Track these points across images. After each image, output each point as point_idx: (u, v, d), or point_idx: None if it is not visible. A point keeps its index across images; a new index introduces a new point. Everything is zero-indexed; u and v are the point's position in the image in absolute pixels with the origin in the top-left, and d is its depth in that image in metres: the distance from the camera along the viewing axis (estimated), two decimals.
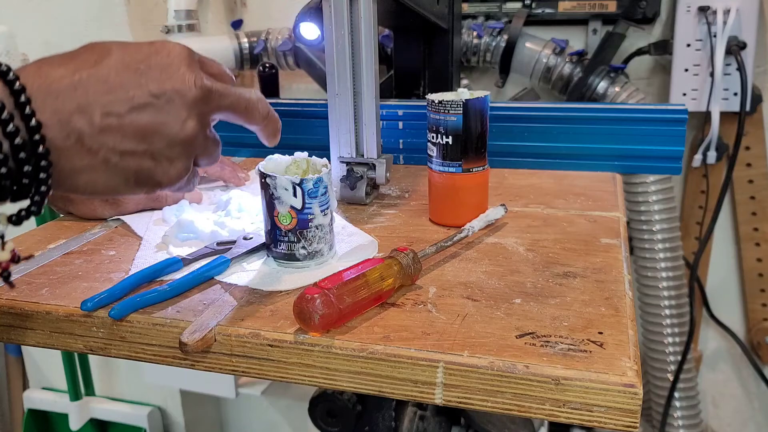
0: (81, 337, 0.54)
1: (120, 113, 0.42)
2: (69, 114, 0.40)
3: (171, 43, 0.45)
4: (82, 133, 0.41)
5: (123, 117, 0.42)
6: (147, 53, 0.44)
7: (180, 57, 0.45)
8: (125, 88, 0.42)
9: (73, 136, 0.40)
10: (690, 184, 1.25)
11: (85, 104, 0.40)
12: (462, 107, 0.65)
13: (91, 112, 0.41)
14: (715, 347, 1.36)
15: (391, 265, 0.53)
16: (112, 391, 1.56)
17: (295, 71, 1.34)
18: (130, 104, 0.42)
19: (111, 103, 0.41)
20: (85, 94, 0.41)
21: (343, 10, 0.71)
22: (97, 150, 0.41)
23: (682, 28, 1.12)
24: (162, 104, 0.43)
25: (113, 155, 0.42)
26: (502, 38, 1.19)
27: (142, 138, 0.43)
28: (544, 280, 0.57)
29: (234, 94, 0.48)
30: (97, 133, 0.41)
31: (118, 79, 0.42)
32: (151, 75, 0.43)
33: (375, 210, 0.76)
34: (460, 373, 0.45)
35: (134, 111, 0.42)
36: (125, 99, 0.42)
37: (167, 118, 0.43)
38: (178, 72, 0.44)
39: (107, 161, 0.42)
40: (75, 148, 0.41)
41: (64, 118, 0.40)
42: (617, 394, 0.42)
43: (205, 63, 0.48)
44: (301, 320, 0.48)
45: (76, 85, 0.40)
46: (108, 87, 0.41)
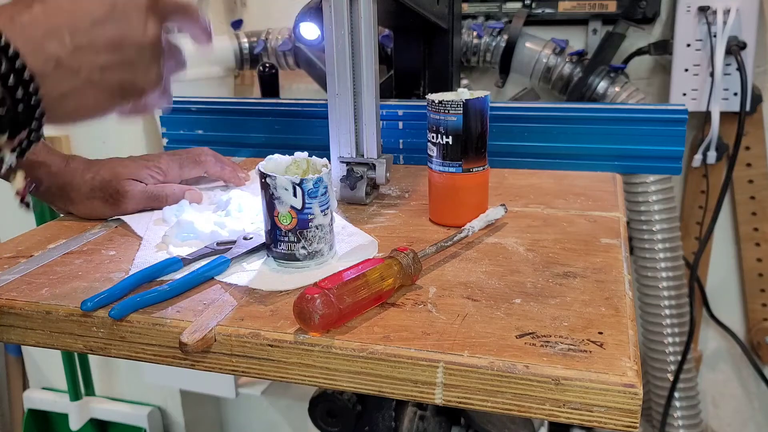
0: (81, 337, 0.54)
1: (86, 29, 0.45)
2: (40, 41, 0.43)
3: None
4: (58, 56, 0.43)
5: (89, 32, 0.45)
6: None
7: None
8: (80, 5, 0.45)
9: (51, 60, 0.43)
10: (690, 184, 1.25)
11: (51, 29, 0.43)
12: (462, 107, 0.65)
13: (60, 34, 0.43)
14: (715, 347, 1.36)
15: (391, 265, 0.53)
16: (112, 391, 1.56)
17: (295, 71, 1.34)
18: (91, 20, 0.45)
19: (74, 24, 0.44)
20: (47, 20, 0.43)
21: (343, 10, 0.71)
22: (77, 69, 0.44)
23: (682, 28, 1.12)
24: (119, 15, 0.46)
25: (94, 72, 0.45)
26: (502, 38, 1.19)
27: (113, 49, 0.46)
28: (544, 280, 0.57)
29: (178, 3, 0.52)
30: (72, 52, 0.44)
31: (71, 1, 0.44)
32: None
33: (375, 210, 0.76)
34: (460, 373, 0.45)
35: (97, 25, 0.45)
36: (84, 15, 0.45)
37: (129, 26, 0.47)
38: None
39: (90, 79, 0.45)
40: (57, 73, 0.43)
41: (37, 45, 0.42)
42: (617, 394, 0.42)
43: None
44: (301, 320, 0.48)
45: (37, 14, 0.43)
46: (65, 9, 0.44)
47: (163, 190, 0.75)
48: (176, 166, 0.78)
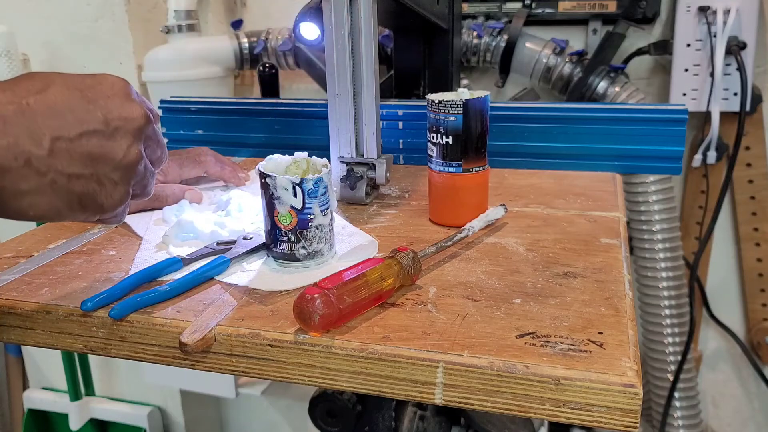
0: (81, 337, 0.54)
1: (70, 138, 0.43)
2: (18, 137, 0.41)
3: (111, 76, 0.47)
4: (31, 155, 0.42)
5: (73, 141, 0.43)
6: (90, 84, 0.46)
7: (123, 89, 0.47)
8: (74, 113, 0.44)
9: (22, 158, 0.41)
10: (690, 184, 1.25)
11: (34, 129, 0.42)
12: (462, 107, 0.65)
13: (41, 136, 0.42)
14: (715, 347, 1.36)
15: (391, 265, 0.53)
16: (112, 391, 1.56)
17: (295, 71, 1.34)
18: (80, 129, 0.44)
19: (61, 128, 0.43)
20: (33, 119, 0.42)
21: (343, 10, 0.71)
22: (45, 172, 0.43)
23: (682, 28, 1.12)
24: (110, 131, 0.45)
25: (60, 177, 0.43)
26: (502, 38, 1.19)
27: (90, 162, 0.44)
28: (544, 280, 0.57)
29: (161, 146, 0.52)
30: (47, 155, 0.42)
31: (66, 105, 0.43)
32: (99, 103, 0.45)
33: (375, 210, 0.76)
34: (460, 373, 0.45)
35: (84, 136, 0.44)
36: (75, 123, 0.44)
37: (114, 144, 0.46)
38: (125, 102, 0.47)
39: (54, 183, 0.43)
40: (23, 171, 0.42)
41: (13, 141, 0.41)
42: (617, 394, 0.42)
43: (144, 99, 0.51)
44: (301, 320, 0.48)
45: (24, 110, 0.42)
46: (56, 112, 0.43)
47: (163, 191, 0.75)
48: (176, 166, 0.78)
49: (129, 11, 1.25)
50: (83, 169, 0.44)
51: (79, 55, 1.29)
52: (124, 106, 0.46)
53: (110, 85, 0.46)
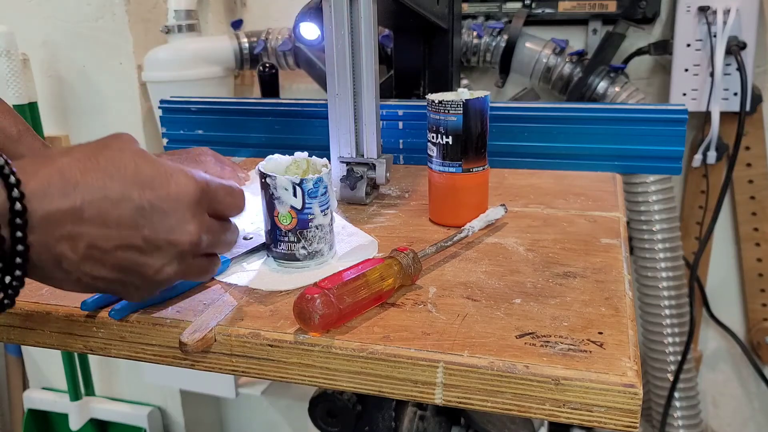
0: (81, 337, 0.54)
1: (106, 249, 0.42)
2: (57, 240, 0.40)
3: (185, 179, 0.44)
4: (63, 258, 0.41)
5: (107, 252, 0.42)
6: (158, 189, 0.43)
7: (188, 202, 0.44)
8: (120, 228, 0.42)
9: (55, 259, 0.41)
10: (690, 184, 1.25)
11: (75, 234, 0.40)
12: (462, 107, 0.65)
13: (79, 242, 0.41)
14: (715, 347, 1.36)
15: (391, 265, 0.53)
16: (112, 391, 1.56)
17: (295, 71, 1.34)
18: (118, 242, 0.42)
19: (100, 238, 0.41)
20: (79, 224, 0.40)
21: (343, 10, 0.71)
22: (72, 272, 0.42)
23: (682, 28, 1.12)
24: (150, 249, 0.43)
25: (86, 277, 0.43)
26: (502, 38, 1.19)
27: (118, 271, 0.43)
28: (544, 280, 0.57)
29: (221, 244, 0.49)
30: (78, 260, 0.41)
31: (116, 218, 0.41)
32: (151, 218, 0.42)
33: (375, 210, 0.76)
34: (460, 373, 0.45)
35: (120, 249, 0.42)
36: (116, 236, 0.42)
37: (149, 261, 0.44)
38: (179, 223, 0.44)
39: (79, 280, 0.43)
40: (52, 268, 0.41)
41: (51, 243, 0.40)
42: (617, 394, 0.42)
43: (217, 198, 0.47)
44: (301, 320, 0.48)
45: (75, 212, 0.40)
46: (104, 221, 0.41)
47: None
48: None
49: (129, 11, 1.25)
50: (110, 275, 0.43)
51: (79, 55, 1.29)
52: (175, 229, 0.43)
53: (176, 197, 0.43)
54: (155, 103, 1.26)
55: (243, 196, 0.50)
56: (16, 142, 0.71)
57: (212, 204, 0.47)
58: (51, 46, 1.30)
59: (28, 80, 1.24)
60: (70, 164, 0.40)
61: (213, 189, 0.46)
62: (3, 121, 0.71)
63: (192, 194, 0.44)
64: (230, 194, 0.48)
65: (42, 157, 0.41)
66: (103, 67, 1.29)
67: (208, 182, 0.46)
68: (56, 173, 0.40)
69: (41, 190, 0.39)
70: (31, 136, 0.73)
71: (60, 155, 0.41)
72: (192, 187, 0.44)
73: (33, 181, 0.39)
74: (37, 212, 0.39)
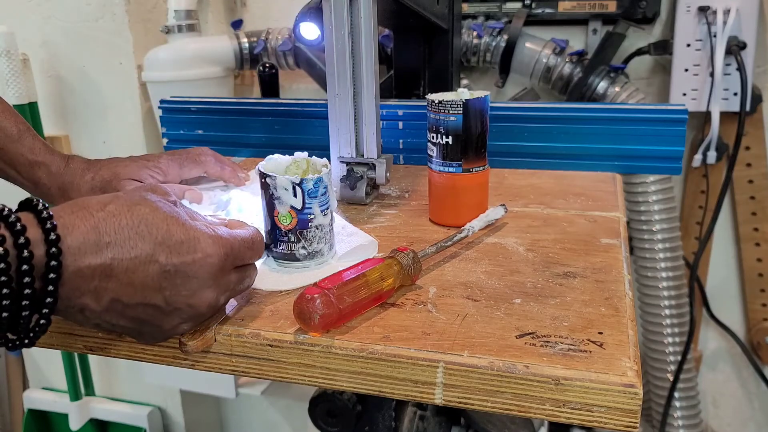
0: (81, 337, 0.54)
1: (128, 304, 0.44)
2: (83, 293, 0.42)
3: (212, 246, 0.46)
4: (86, 308, 0.43)
5: (128, 307, 0.44)
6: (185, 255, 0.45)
7: (212, 269, 0.46)
8: (144, 287, 0.44)
9: (77, 307, 0.43)
10: (690, 184, 1.25)
11: (102, 289, 0.43)
12: (462, 107, 0.65)
13: (103, 296, 0.43)
14: (715, 347, 1.36)
15: (391, 265, 0.53)
16: (112, 391, 1.56)
17: (295, 71, 1.34)
18: (140, 300, 0.44)
19: (125, 295, 0.44)
20: (107, 280, 0.43)
21: (343, 10, 0.71)
22: (92, 318, 0.45)
23: (682, 28, 1.12)
24: (170, 310, 0.46)
25: (105, 324, 0.46)
26: (502, 38, 1.19)
27: (137, 323, 0.46)
28: (544, 280, 0.57)
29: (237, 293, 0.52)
30: (100, 311, 0.44)
31: (142, 275, 0.43)
32: (174, 281, 0.45)
33: (375, 210, 0.76)
34: (460, 373, 0.45)
35: (141, 306, 0.45)
36: (139, 295, 0.44)
37: (167, 319, 0.47)
38: (201, 289, 0.46)
39: (98, 325, 0.46)
40: (74, 314, 0.44)
41: (78, 295, 0.42)
42: (617, 394, 0.42)
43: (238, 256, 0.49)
44: (301, 320, 0.48)
45: (105, 269, 0.42)
46: (130, 279, 0.43)
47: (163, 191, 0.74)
48: (176, 166, 0.78)
49: (129, 11, 1.25)
50: (128, 325, 0.46)
51: (79, 55, 1.30)
52: (196, 293, 0.46)
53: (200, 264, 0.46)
54: (155, 103, 1.26)
55: (262, 244, 0.53)
56: (17, 141, 0.71)
57: (235, 263, 0.49)
58: (51, 46, 1.30)
59: (28, 80, 1.24)
60: (105, 220, 0.43)
61: (236, 250, 0.49)
62: (3, 120, 0.71)
63: (216, 262, 0.47)
64: (251, 248, 0.51)
65: (79, 209, 0.43)
66: (103, 67, 1.29)
67: (233, 245, 0.48)
68: (92, 230, 0.42)
69: (76, 248, 0.41)
70: (31, 136, 0.73)
71: (97, 208, 0.43)
72: (217, 255, 0.47)
73: (70, 237, 0.41)
74: (69, 267, 0.41)
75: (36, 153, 0.72)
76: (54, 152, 0.74)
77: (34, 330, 0.42)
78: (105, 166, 0.74)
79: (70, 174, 0.73)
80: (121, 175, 0.73)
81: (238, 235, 0.50)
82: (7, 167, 0.72)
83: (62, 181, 0.73)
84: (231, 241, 0.48)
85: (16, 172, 0.72)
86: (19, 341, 0.42)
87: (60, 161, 0.73)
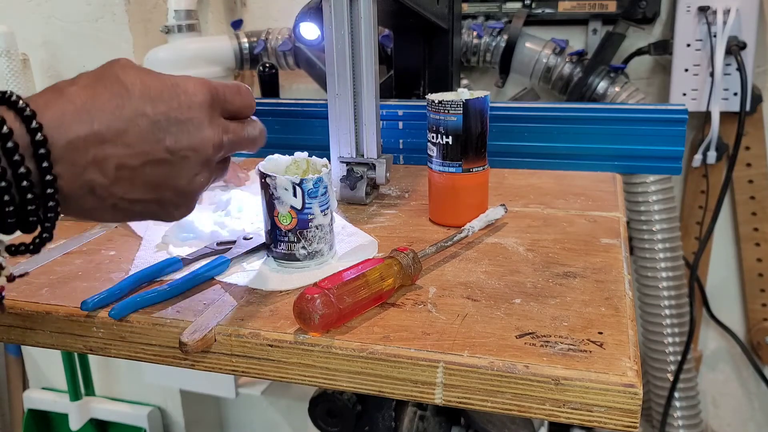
0: (81, 337, 0.54)
1: (134, 166, 0.42)
2: (84, 167, 0.41)
3: (192, 85, 0.45)
4: (94, 184, 0.41)
5: (136, 170, 0.42)
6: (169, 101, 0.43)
7: (201, 107, 0.45)
8: (142, 143, 0.42)
9: (86, 187, 0.41)
10: (690, 184, 1.25)
11: (101, 158, 0.41)
12: (462, 107, 0.65)
13: (106, 165, 0.41)
14: (715, 347, 1.36)
15: (391, 265, 0.53)
16: (112, 391, 1.56)
17: (295, 71, 1.34)
18: (144, 158, 0.42)
19: (126, 156, 0.42)
20: (102, 147, 0.41)
21: (343, 10, 0.71)
22: (107, 198, 0.42)
23: (682, 28, 1.12)
24: (177, 160, 0.44)
25: (122, 202, 0.43)
26: (502, 38, 1.19)
27: (152, 189, 0.44)
28: (544, 280, 0.57)
29: (243, 141, 0.49)
30: (109, 184, 0.42)
31: (135, 131, 0.42)
32: (170, 130, 0.43)
33: (375, 210, 0.76)
34: (460, 373, 0.45)
35: (148, 165, 0.43)
36: (141, 153, 0.42)
37: (180, 173, 0.44)
38: (198, 129, 0.44)
39: (116, 206, 0.43)
40: (86, 196, 0.42)
41: (79, 170, 0.41)
42: (617, 394, 0.42)
43: (227, 99, 0.47)
44: (301, 320, 0.48)
45: (95, 135, 0.40)
46: (125, 140, 0.42)
47: None
48: None
49: (129, 11, 1.25)
50: (145, 195, 0.44)
51: (79, 55, 1.29)
52: (195, 135, 0.44)
53: (188, 105, 0.44)
54: None
55: (250, 94, 0.50)
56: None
57: (224, 106, 0.47)
58: (51, 46, 1.30)
59: (28, 80, 1.24)
60: (78, 92, 0.41)
61: (221, 91, 0.47)
62: None
63: (202, 99, 0.45)
64: (238, 93, 0.48)
65: (49, 91, 0.41)
66: None
67: (215, 85, 0.46)
68: (68, 102, 0.40)
69: (57, 119, 0.39)
70: None
71: (66, 85, 0.42)
72: (201, 92, 0.45)
73: (49, 112, 0.39)
74: (58, 142, 0.39)
75: None
76: None
77: (47, 218, 0.40)
78: None
79: None
80: None
81: (221, 82, 0.48)
82: None
83: None
84: (212, 82, 0.47)
85: None
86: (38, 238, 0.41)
87: None
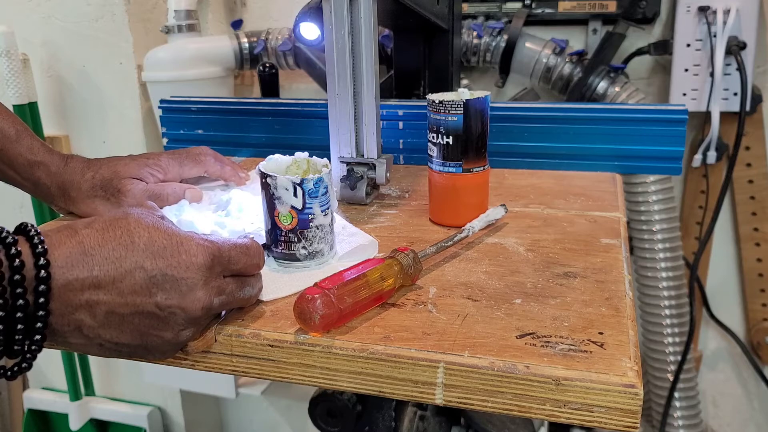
0: None
1: (123, 314, 0.45)
2: (75, 308, 0.43)
3: (195, 246, 0.47)
4: (83, 324, 0.44)
5: (125, 318, 0.45)
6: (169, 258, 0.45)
7: (199, 269, 0.46)
8: (134, 295, 0.44)
9: (74, 325, 0.43)
10: (690, 184, 1.25)
11: (93, 301, 0.43)
12: (462, 107, 0.65)
13: (97, 309, 0.43)
14: (715, 347, 1.36)
15: (391, 265, 0.53)
16: (112, 391, 1.56)
17: (295, 71, 1.34)
18: (134, 309, 0.45)
19: (117, 305, 0.44)
20: (95, 292, 0.43)
21: (343, 10, 0.71)
22: (93, 338, 0.45)
23: (682, 28, 1.12)
24: (165, 315, 0.46)
25: (108, 344, 0.46)
26: (502, 38, 1.19)
27: (138, 336, 0.46)
28: (545, 281, 0.57)
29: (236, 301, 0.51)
30: (98, 326, 0.44)
31: (130, 282, 0.44)
32: (163, 286, 0.45)
33: (375, 210, 0.76)
34: (461, 374, 0.45)
35: (137, 315, 0.45)
36: (131, 303, 0.44)
37: (166, 326, 0.46)
38: (191, 290, 0.46)
39: (102, 345, 0.46)
40: (73, 333, 0.44)
41: (71, 310, 0.43)
42: (617, 394, 0.42)
43: (231, 259, 0.49)
44: (302, 320, 0.48)
45: (93, 280, 0.43)
46: (119, 289, 0.44)
47: (164, 189, 0.75)
48: (176, 164, 0.78)
49: (129, 11, 1.25)
50: (131, 340, 0.46)
51: (79, 55, 1.29)
52: (186, 295, 0.46)
53: (186, 267, 0.46)
54: (155, 103, 1.26)
55: (260, 253, 0.52)
56: (15, 142, 0.71)
57: (227, 267, 0.49)
58: (51, 46, 1.30)
59: (28, 80, 1.24)
60: (90, 235, 0.44)
61: (225, 253, 0.49)
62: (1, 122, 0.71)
63: (202, 261, 0.47)
64: (245, 254, 0.50)
65: (66, 228, 0.44)
66: (103, 67, 1.29)
67: (220, 247, 0.48)
68: (78, 244, 0.43)
69: (64, 259, 0.42)
70: (29, 136, 0.73)
71: (83, 226, 0.44)
72: (201, 254, 0.47)
73: (57, 251, 0.42)
74: (58, 280, 0.42)
75: (35, 153, 0.72)
76: (53, 152, 0.74)
77: (30, 350, 0.42)
78: (105, 165, 0.74)
79: (70, 173, 0.73)
80: (121, 174, 0.73)
81: (230, 241, 0.50)
82: (7, 168, 0.72)
83: (62, 180, 0.72)
84: (219, 244, 0.48)
85: (15, 172, 0.72)
86: (17, 367, 0.43)
87: (59, 160, 0.73)
